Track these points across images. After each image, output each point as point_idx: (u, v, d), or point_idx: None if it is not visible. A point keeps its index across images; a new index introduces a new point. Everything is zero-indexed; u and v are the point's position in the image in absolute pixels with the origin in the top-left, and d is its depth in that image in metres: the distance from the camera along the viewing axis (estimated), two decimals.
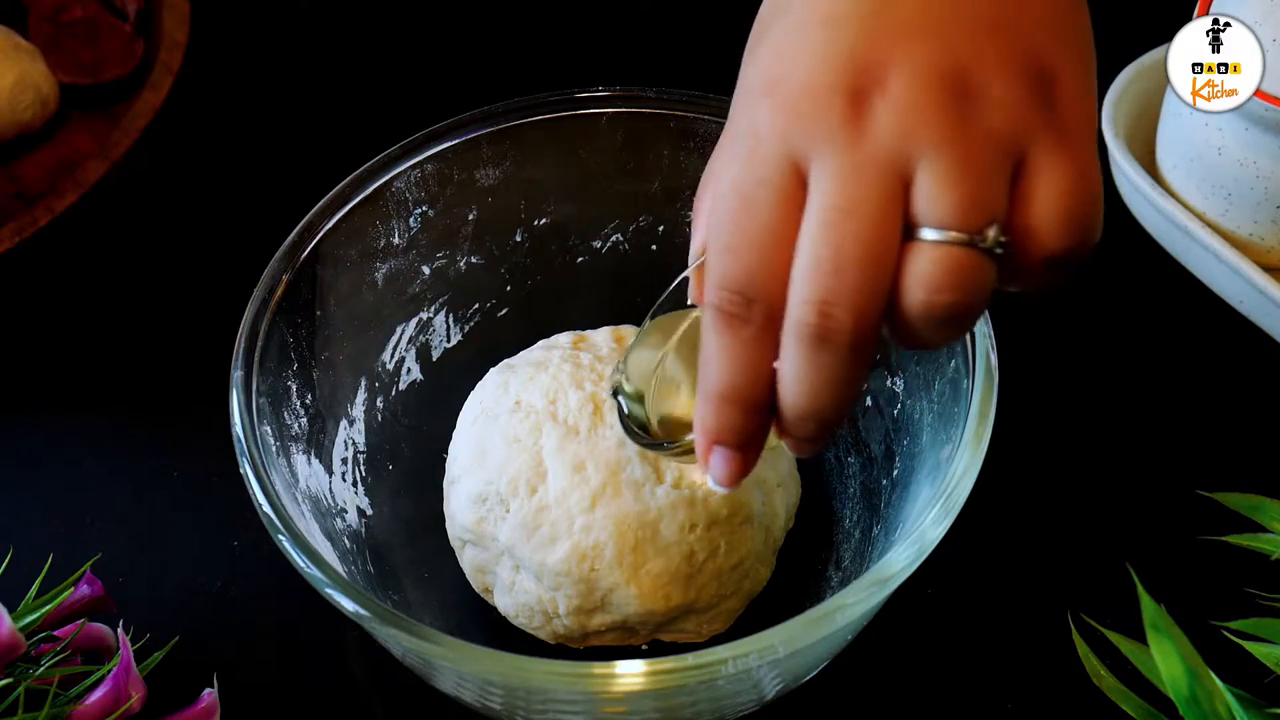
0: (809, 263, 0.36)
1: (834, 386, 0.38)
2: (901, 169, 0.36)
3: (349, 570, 0.53)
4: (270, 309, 0.53)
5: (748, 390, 0.39)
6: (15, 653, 0.49)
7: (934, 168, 0.36)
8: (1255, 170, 0.63)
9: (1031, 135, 0.37)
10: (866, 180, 0.36)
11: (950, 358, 0.52)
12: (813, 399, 0.38)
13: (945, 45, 0.37)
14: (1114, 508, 0.61)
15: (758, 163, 0.38)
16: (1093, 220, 0.38)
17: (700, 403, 0.40)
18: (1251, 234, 0.65)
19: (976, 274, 0.36)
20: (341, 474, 0.57)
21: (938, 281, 0.36)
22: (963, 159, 0.36)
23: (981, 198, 0.36)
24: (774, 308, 0.38)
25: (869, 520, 0.57)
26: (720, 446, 0.40)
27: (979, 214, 0.36)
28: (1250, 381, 0.65)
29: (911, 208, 0.36)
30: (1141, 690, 0.53)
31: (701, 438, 0.41)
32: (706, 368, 0.39)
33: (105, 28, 0.75)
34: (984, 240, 0.36)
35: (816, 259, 0.36)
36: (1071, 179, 0.37)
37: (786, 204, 0.37)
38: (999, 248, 0.36)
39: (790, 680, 0.52)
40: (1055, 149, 0.37)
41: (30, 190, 0.71)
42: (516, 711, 0.50)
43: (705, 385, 0.40)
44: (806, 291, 0.37)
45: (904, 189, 0.36)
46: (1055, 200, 0.37)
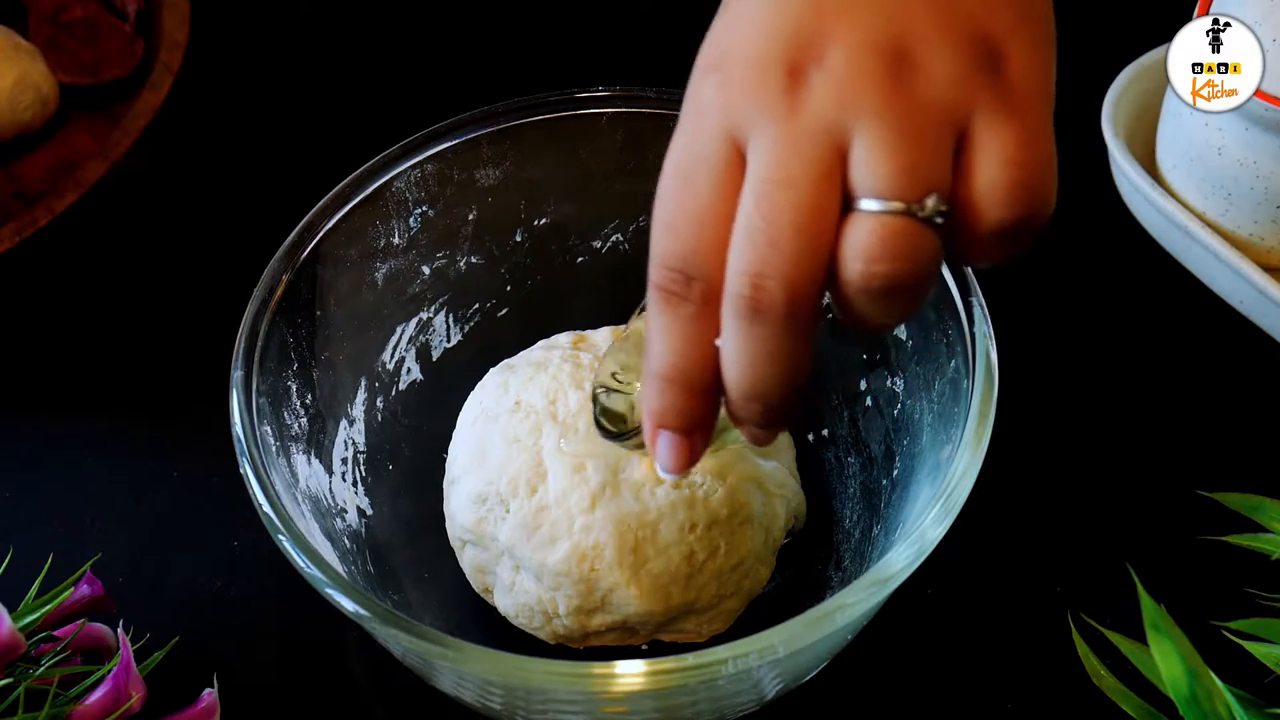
0: (743, 235, 0.36)
1: (772, 361, 0.37)
2: (838, 140, 0.36)
3: (349, 570, 0.53)
4: (270, 309, 0.53)
5: (689, 371, 0.38)
6: (15, 653, 0.49)
7: (870, 137, 0.36)
8: (1255, 170, 0.63)
9: (974, 105, 0.36)
10: (802, 151, 0.36)
11: (950, 358, 0.52)
12: (752, 376, 0.37)
13: (886, 17, 0.36)
14: (1114, 508, 0.61)
15: (699, 139, 0.37)
16: (1040, 189, 0.37)
17: (644, 386, 0.40)
18: (1251, 234, 0.65)
19: (915, 243, 0.36)
20: (341, 474, 0.57)
21: (874, 251, 0.36)
22: (899, 128, 0.36)
23: (919, 166, 0.36)
24: (714, 285, 0.37)
25: (869, 520, 0.57)
26: (665, 431, 0.40)
27: (916, 183, 0.35)
28: (1250, 381, 0.65)
29: (849, 179, 0.36)
30: (1141, 690, 0.53)
31: (647, 422, 0.40)
32: (650, 349, 0.39)
33: (105, 28, 0.75)
34: (922, 209, 0.35)
35: (750, 230, 0.36)
36: (1016, 147, 0.36)
37: (725, 180, 0.37)
38: (939, 217, 0.36)
39: (790, 680, 0.52)
40: (1000, 118, 0.36)
41: (30, 190, 0.71)
42: (516, 711, 0.50)
43: (648, 367, 0.39)
44: (741, 263, 0.36)
45: (841, 161, 0.36)
46: (999, 169, 0.36)
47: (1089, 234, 0.71)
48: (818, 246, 0.36)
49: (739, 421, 0.40)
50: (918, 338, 0.55)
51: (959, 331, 0.52)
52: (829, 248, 0.36)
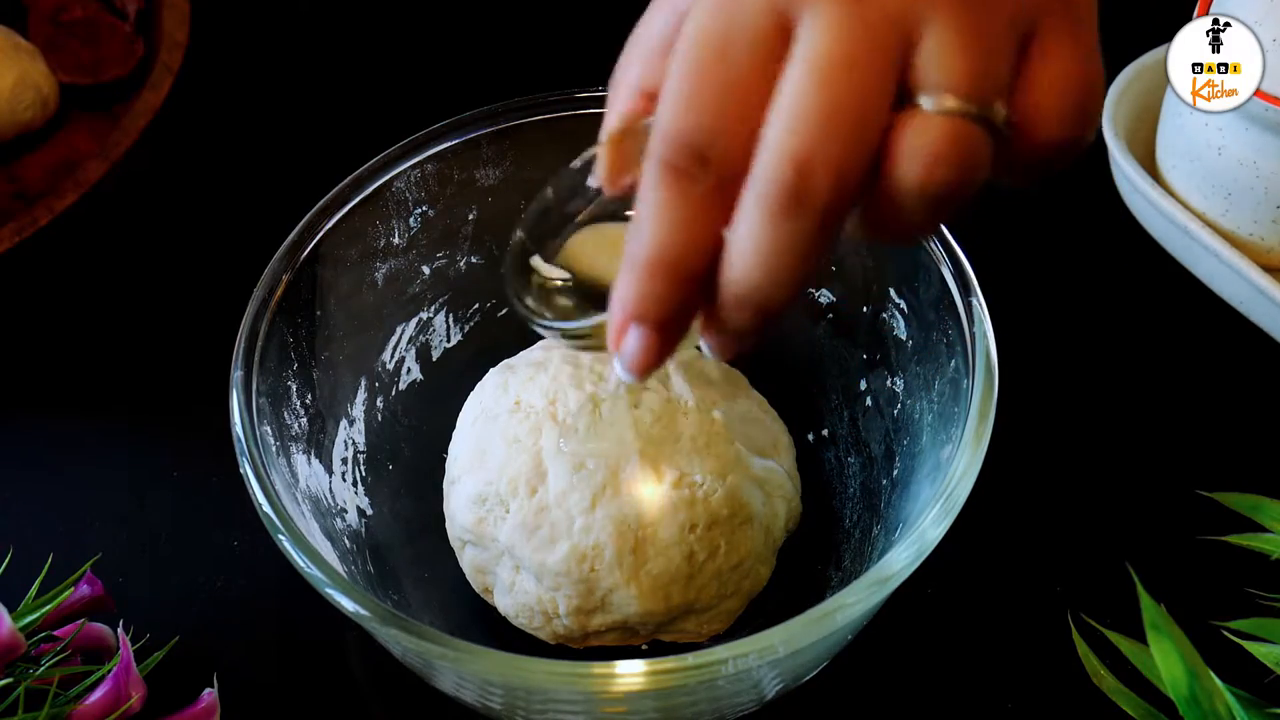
0: (793, 115, 0.33)
1: (791, 260, 0.34)
2: (907, 30, 0.33)
3: (349, 570, 0.53)
4: (270, 309, 0.53)
5: (685, 257, 0.34)
6: (15, 653, 0.49)
7: (945, 32, 0.33)
8: (1255, 170, 0.63)
9: (1044, 11, 0.34)
10: (871, 33, 0.33)
11: (950, 357, 0.52)
12: (765, 274, 0.34)
13: None
14: (1114, 508, 0.61)
15: (738, 8, 0.34)
16: (1095, 110, 0.35)
17: (626, 272, 0.35)
18: (1251, 234, 0.65)
19: (980, 151, 0.33)
20: (341, 474, 0.57)
21: (942, 153, 0.33)
22: (976, 26, 0.33)
23: (992, 70, 0.33)
24: (731, 170, 0.34)
25: (869, 520, 0.57)
26: (639, 324, 0.36)
27: (990, 86, 0.33)
28: (1250, 381, 0.65)
29: (915, 73, 0.33)
30: (1141, 690, 0.53)
31: (619, 312, 0.36)
32: (639, 230, 0.35)
33: (105, 28, 0.75)
34: (993, 115, 0.33)
35: (803, 111, 0.32)
36: (1079, 63, 0.35)
37: (766, 54, 0.33)
38: (1005, 127, 0.34)
39: (790, 680, 0.52)
40: (1065, 30, 0.35)
41: (30, 190, 0.71)
42: (516, 711, 0.50)
43: (635, 251, 0.35)
44: (785, 147, 0.33)
45: (904, 53, 0.33)
46: (1062, 83, 0.34)
47: (1089, 234, 0.71)
48: (871, 139, 0.33)
49: (719, 326, 0.36)
50: (918, 338, 0.55)
51: (959, 331, 0.52)
52: (878, 144, 0.33)
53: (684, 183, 0.34)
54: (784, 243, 0.33)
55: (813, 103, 0.32)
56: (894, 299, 0.56)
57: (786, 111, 0.33)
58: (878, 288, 0.57)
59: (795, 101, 0.33)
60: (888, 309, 0.57)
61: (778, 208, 0.33)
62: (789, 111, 0.33)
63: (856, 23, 0.33)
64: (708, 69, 0.34)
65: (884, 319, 0.57)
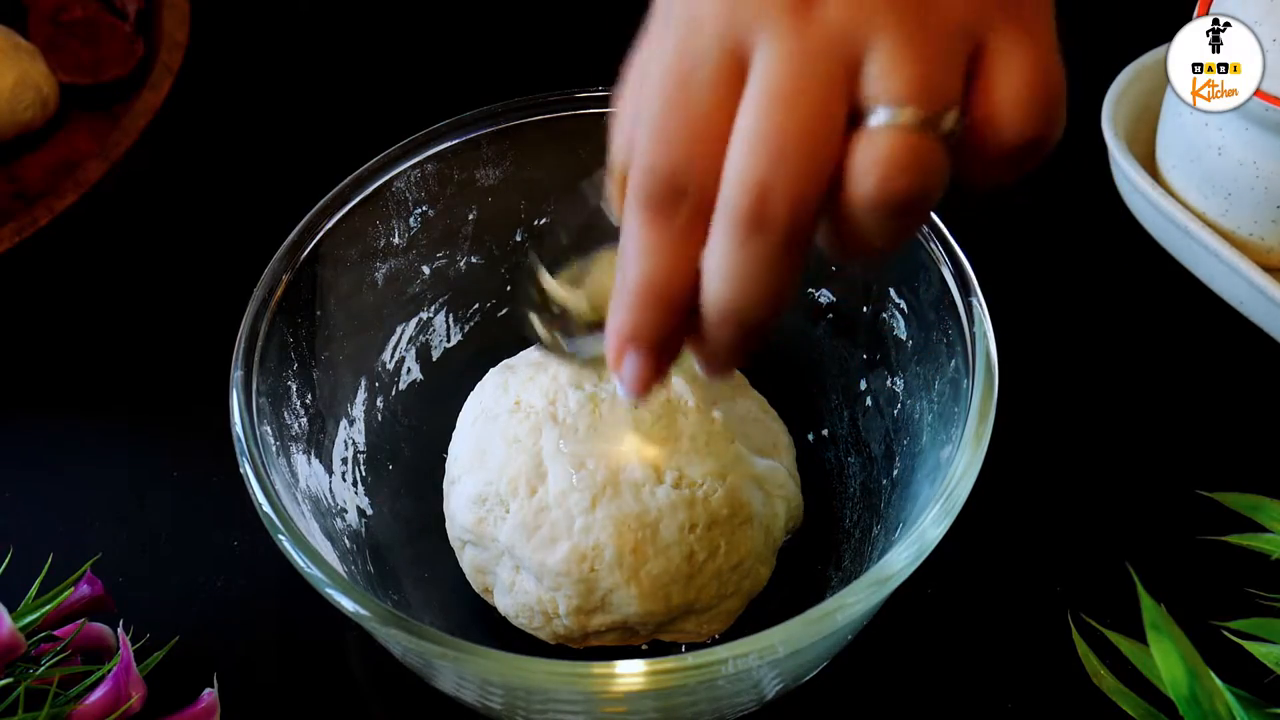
0: (749, 145, 0.35)
1: (762, 280, 0.36)
2: (851, 53, 0.35)
3: (349, 570, 0.53)
4: (270, 309, 0.53)
5: (669, 285, 0.37)
6: (15, 653, 0.49)
7: (889, 49, 0.34)
8: (1255, 170, 0.63)
9: (990, 22, 0.35)
10: (816, 62, 0.34)
11: (950, 357, 0.52)
12: (739, 293, 0.36)
13: None
14: (1114, 508, 0.61)
15: (696, 46, 0.36)
16: (1056, 110, 0.36)
17: (617, 301, 0.38)
18: (1251, 234, 0.65)
19: (932, 159, 0.34)
20: (341, 474, 0.57)
21: (894, 165, 0.34)
22: (919, 39, 0.34)
23: (938, 79, 0.34)
24: (704, 199, 0.36)
25: (869, 520, 0.57)
26: (633, 349, 0.38)
27: (936, 96, 0.34)
28: (1250, 381, 0.65)
29: (861, 91, 0.34)
30: (1141, 690, 0.53)
31: (614, 339, 0.38)
32: (628, 263, 0.37)
33: (105, 28, 0.75)
34: (942, 124, 0.34)
35: (756, 140, 0.34)
36: (1033, 63, 0.35)
37: (725, 89, 0.35)
38: (954, 135, 0.35)
39: (790, 680, 0.52)
40: (1016, 36, 0.35)
41: (30, 190, 0.71)
42: (516, 711, 0.50)
43: (626, 282, 0.37)
44: (744, 175, 0.35)
45: (851, 75, 0.35)
46: (1017, 86, 0.35)
47: (1089, 234, 0.71)
48: (824, 162, 0.34)
49: (707, 344, 0.38)
50: (918, 338, 0.55)
51: (959, 331, 0.52)
52: (833, 165, 0.35)
53: (663, 215, 0.36)
54: (752, 263, 0.35)
55: (765, 131, 0.34)
56: (894, 299, 0.56)
57: (743, 141, 0.35)
58: (878, 288, 0.57)
59: (750, 132, 0.35)
60: (888, 309, 0.57)
61: (742, 232, 0.35)
62: (745, 141, 0.35)
63: (800, 52, 0.34)
64: (673, 105, 0.36)
65: (884, 319, 0.57)
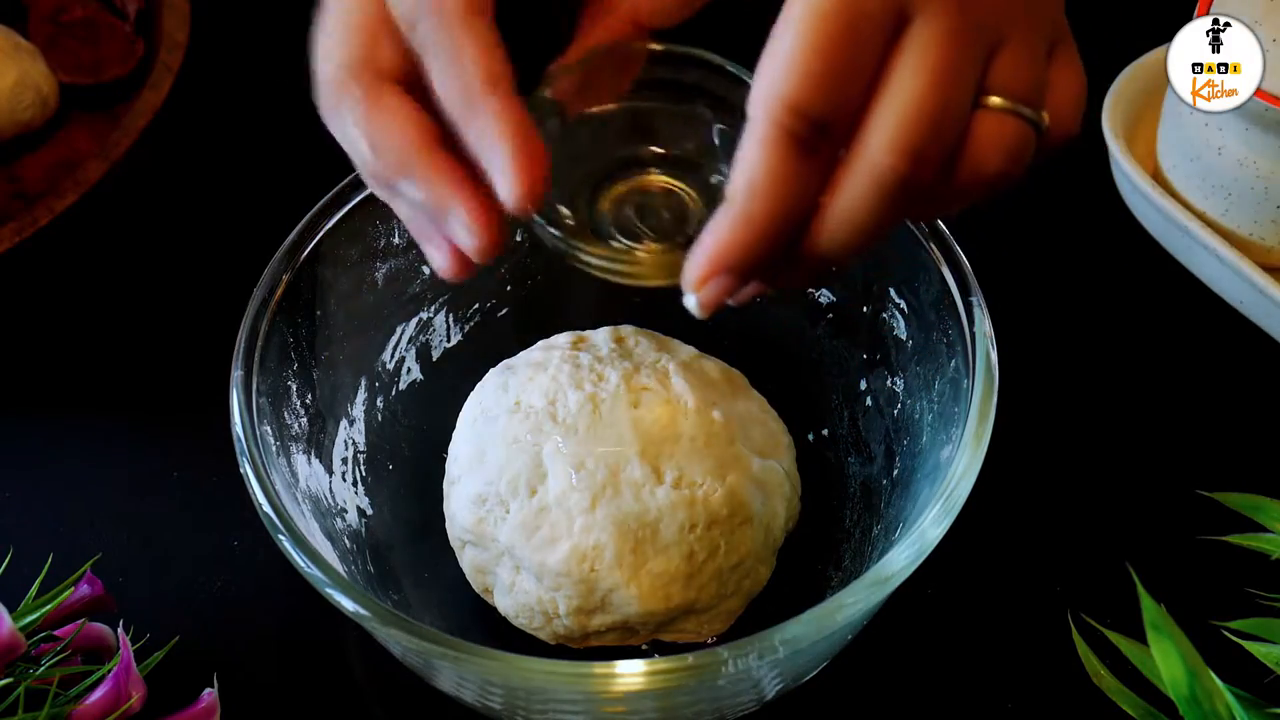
0: (912, 109, 0.37)
1: (880, 233, 0.39)
2: (993, 41, 0.38)
3: (349, 570, 0.53)
4: (270, 309, 0.53)
5: (791, 217, 0.38)
6: (15, 653, 0.49)
7: (1019, 47, 0.38)
8: (1255, 170, 0.63)
9: (1059, 32, 0.41)
10: (970, 45, 0.38)
11: (950, 358, 0.52)
12: (857, 239, 0.39)
13: None
14: (1114, 508, 0.61)
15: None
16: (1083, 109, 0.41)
17: (732, 223, 0.38)
18: (1251, 234, 0.65)
19: (1031, 148, 0.39)
20: (341, 474, 0.57)
21: (1015, 152, 0.39)
22: (1036, 41, 0.39)
23: (1042, 80, 0.40)
24: (840, 144, 0.38)
25: (869, 520, 0.57)
26: (727, 274, 0.39)
27: (1042, 95, 0.40)
28: (1250, 381, 0.65)
29: (992, 77, 0.38)
30: (1141, 690, 0.53)
31: (710, 258, 0.39)
32: (754, 193, 0.38)
33: (105, 28, 0.75)
34: (1043, 121, 0.39)
35: (919, 111, 0.37)
36: (1079, 74, 0.41)
37: (884, 46, 0.38)
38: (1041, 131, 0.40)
39: (790, 680, 0.52)
40: (1069, 45, 0.41)
41: (30, 190, 0.71)
42: (516, 711, 0.50)
43: (747, 208, 0.38)
44: (901, 138, 0.37)
45: (988, 60, 0.38)
46: (1075, 91, 0.41)
47: (1089, 234, 0.71)
48: (959, 134, 0.38)
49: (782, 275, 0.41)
50: (918, 338, 0.55)
51: (959, 331, 0.52)
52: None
53: (804, 153, 0.38)
54: (883, 219, 0.38)
55: (928, 105, 0.37)
56: (894, 299, 0.56)
57: (904, 107, 0.37)
58: (878, 288, 0.57)
59: (912, 101, 0.37)
60: (888, 309, 0.57)
61: (887, 190, 0.38)
62: (906, 108, 0.37)
63: (961, 30, 0.38)
64: (836, 49, 0.37)
65: (884, 319, 0.57)
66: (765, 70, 0.38)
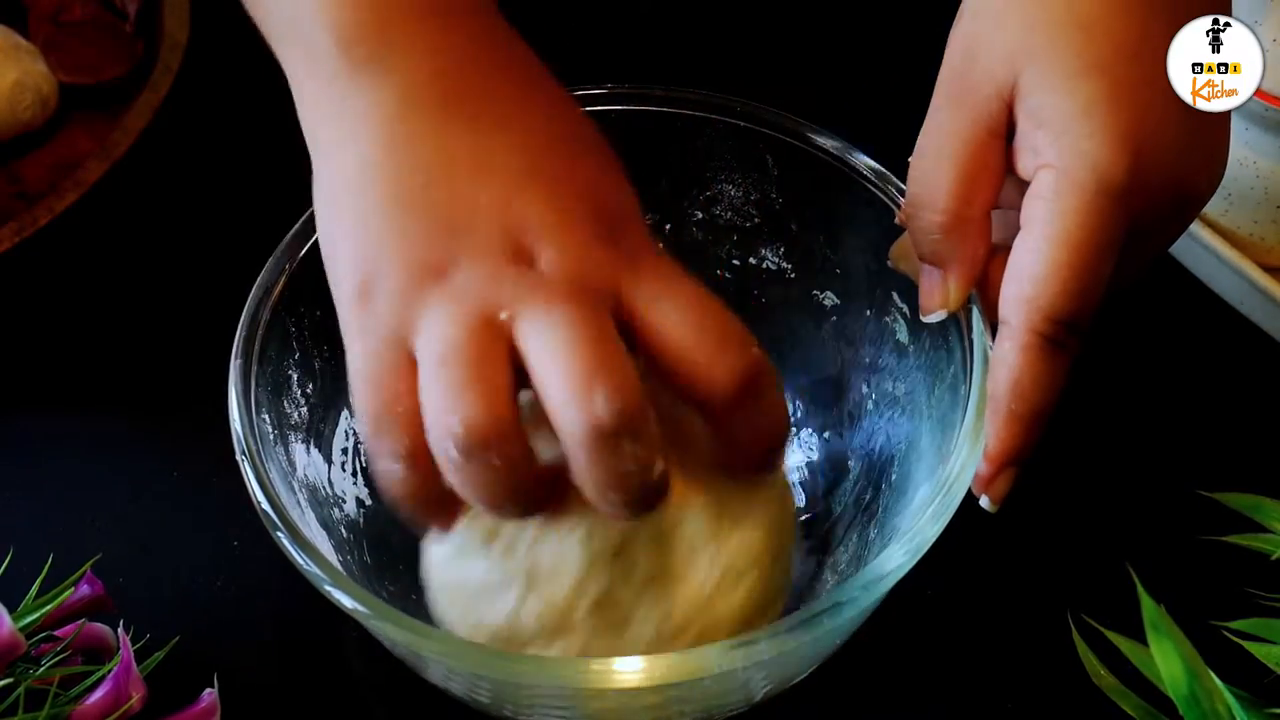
0: (1074, 287, 0.45)
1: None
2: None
3: (344, 560, 0.52)
4: (273, 298, 0.53)
5: (1053, 407, 0.46)
6: (15, 653, 0.49)
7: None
8: (1255, 170, 0.63)
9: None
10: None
11: (950, 361, 0.52)
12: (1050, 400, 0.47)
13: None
14: (1114, 508, 0.61)
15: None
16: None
17: (1012, 424, 0.46)
18: (1251, 234, 0.65)
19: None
20: (341, 463, 0.57)
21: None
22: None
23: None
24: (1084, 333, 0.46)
25: (866, 521, 0.57)
26: (1010, 465, 0.46)
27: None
28: (1250, 381, 0.65)
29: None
30: (1141, 690, 0.53)
31: (996, 459, 0.46)
32: (1020, 392, 0.45)
33: (105, 28, 0.75)
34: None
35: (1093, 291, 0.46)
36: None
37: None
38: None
39: (778, 683, 0.52)
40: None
41: (30, 190, 0.71)
42: (505, 706, 0.50)
43: (1017, 409, 0.45)
44: (1074, 308, 0.45)
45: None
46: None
47: None
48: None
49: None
50: (918, 341, 0.55)
51: (959, 333, 0.52)
52: None
53: (1063, 355, 0.45)
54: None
55: (1089, 282, 0.46)
56: (896, 303, 0.56)
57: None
58: (881, 292, 0.57)
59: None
60: (890, 312, 0.57)
61: (1060, 360, 0.46)
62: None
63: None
64: (1093, 270, 0.46)
65: (886, 322, 0.57)
66: (1022, 280, 0.45)
